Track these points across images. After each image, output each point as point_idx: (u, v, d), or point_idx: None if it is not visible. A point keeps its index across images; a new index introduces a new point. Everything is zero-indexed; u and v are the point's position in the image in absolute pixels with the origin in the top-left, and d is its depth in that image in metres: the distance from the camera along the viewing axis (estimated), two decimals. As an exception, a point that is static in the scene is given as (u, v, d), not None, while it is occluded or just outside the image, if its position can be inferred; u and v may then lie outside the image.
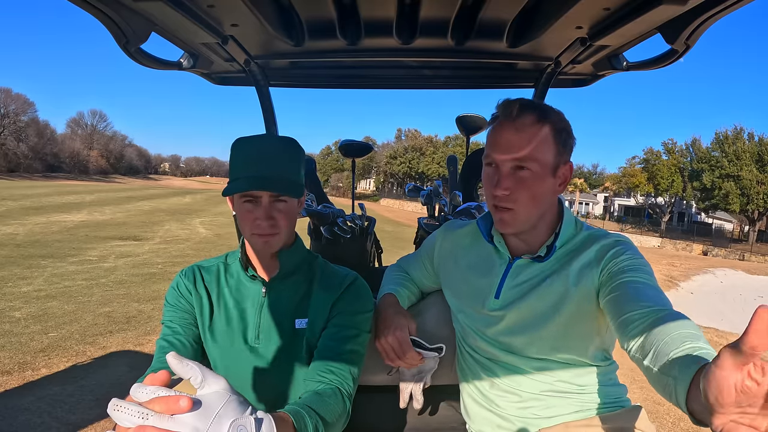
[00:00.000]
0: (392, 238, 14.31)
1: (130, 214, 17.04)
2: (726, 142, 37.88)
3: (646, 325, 0.84)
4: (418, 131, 64.89)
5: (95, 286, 6.31)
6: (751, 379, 0.48)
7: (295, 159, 1.06)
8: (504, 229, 1.10)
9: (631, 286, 0.94)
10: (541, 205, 1.07)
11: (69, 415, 2.99)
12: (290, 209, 1.05)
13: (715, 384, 0.50)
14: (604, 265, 1.02)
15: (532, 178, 1.03)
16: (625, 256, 1.01)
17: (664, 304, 0.89)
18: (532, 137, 1.01)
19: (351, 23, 1.36)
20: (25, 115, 62.74)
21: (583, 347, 1.08)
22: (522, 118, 1.02)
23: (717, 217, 45.81)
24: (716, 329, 7.75)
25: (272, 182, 1.01)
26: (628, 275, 0.97)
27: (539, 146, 1.02)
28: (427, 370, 1.25)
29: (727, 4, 0.94)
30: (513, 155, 1.02)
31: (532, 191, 1.03)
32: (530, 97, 1.82)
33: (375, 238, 2.13)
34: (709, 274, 16.79)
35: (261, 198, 1.02)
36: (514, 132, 1.02)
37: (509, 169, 1.03)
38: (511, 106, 1.04)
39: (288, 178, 1.03)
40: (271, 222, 1.02)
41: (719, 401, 0.50)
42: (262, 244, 1.05)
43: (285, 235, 1.07)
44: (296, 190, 1.03)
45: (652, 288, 0.94)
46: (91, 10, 1.03)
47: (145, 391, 0.57)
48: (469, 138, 2.33)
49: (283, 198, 1.03)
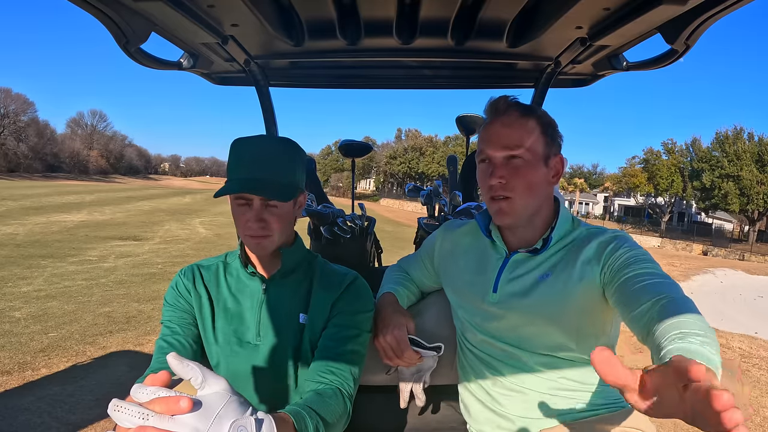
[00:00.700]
0: (392, 238, 14.32)
1: (130, 214, 17.05)
2: (726, 142, 37.85)
3: (652, 319, 0.83)
4: (418, 131, 64.93)
5: (95, 286, 6.31)
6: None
7: (290, 161, 1.05)
8: (502, 220, 1.10)
9: (635, 279, 0.94)
10: (537, 195, 1.09)
11: (69, 415, 2.99)
12: (283, 212, 1.05)
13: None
14: (605, 262, 1.02)
15: (525, 166, 1.06)
16: (623, 249, 1.01)
17: (670, 290, 0.88)
18: (520, 128, 1.06)
19: (351, 23, 1.36)
20: (25, 115, 62.79)
21: (586, 344, 1.08)
22: (509, 112, 1.08)
23: (717, 217, 45.80)
24: (716, 329, 7.75)
25: (263, 185, 1.00)
26: (630, 269, 0.97)
27: (528, 136, 1.06)
28: (426, 369, 1.25)
29: (727, 4, 0.94)
30: (504, 146, 1.06)
31: (527, 179, 1.06)
32: (530, 97, 1.83)
33: (375, 238, 2.13)
34: (709, 274, 16.79)
35: (253, 200, 1.02)
36: (503, 126, 1.07)
37: (502, 159, 1.07)
38: (497, 103, 1.09)
39: (280, 181, 1.02)
40: (262, 224, 1.02)
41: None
42: (254, 246, 1.05)
43: (278, 237, 1.06)
44: (287, 193, 1.02)
45: (656, 275, 0.93)
46: (91, 10, 1.03)
47: (146, 391, 0.57)
48: (469, 138, 2.33)
49: (275, 201, 1.03)
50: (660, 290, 0.88)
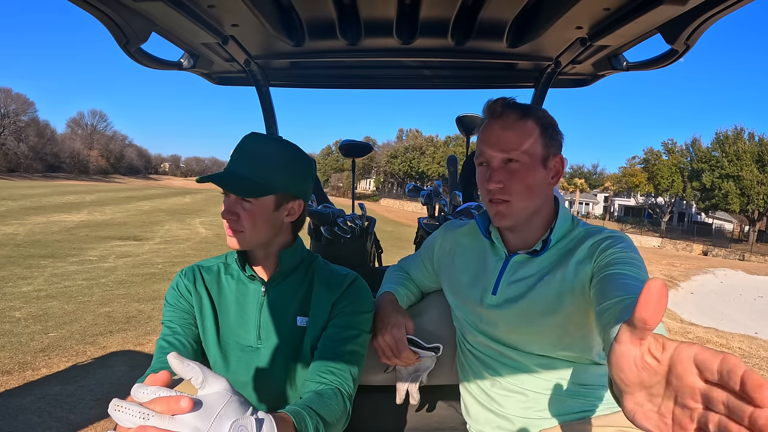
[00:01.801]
0: (392, 238, 14.32)
1: (130, 214, 17.04)
2: (726, 142, 37.86)
3: (614, 314, 0.78)
4: (419, 131, 64.92)
5: (95, 286, 6.31)
6: (651, 356, 0.46)
7: (273, 161, 1.03)
8: (501, 222, 1.10)
9: (612, 277, 0.92)
10: (536, 197, 1.08)
11: (69, 414, 2.99)
12: (256, 210, 1.02)
13: (615, 360, 0.48)
14: (595, 259, 1.01)
15: (522, 169, 1.05)
16: (614, 248, 1.00)
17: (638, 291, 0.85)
18: (518, 131, 1.05)
19: (351, 23, 1.36)
20: (25, 115, 62.73)
21: (584, 345, 1.08)
22: (506, 114, 1.07)
23: (717, 217, 45.80)
24: (716, 329, 7.75)
25: (232, 178, 1.00)
26: (615, 267, 0.94)
27: (526, 139, 1.05)
28: (424, 369, 1.25)
29: (727, 4, 0.94)
30: (501, 149, 1.05)
31: (525, 182, 1.06)
32: (530, 97, 1.83)
33: (375, 238, 2.13)
34: (709, 274, 16.79)
35: (230, 194, 1.03)
36: (501, 128, 1.06)
37: (500, 162, 1.06)
38: (494, 105, 1.09)
39: (251, 177, 1.00)
40: (233, 218, 1.02)
41: (622, 379, 0.48)
42: (228, 240, 1.05)
43: (251, 236, 1.04)
44: (253, 191, 1.00)
45: (635, 278, 0.90)
46: (91, 10, 1.03)
47: (146, 391, 0.57)
48: (469, 138, 2.33)
49: (249, 198, 1.02)
50: (630, 291, 0.84)
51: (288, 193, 1.06)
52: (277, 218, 1.07)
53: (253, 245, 1.07)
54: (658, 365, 0.45)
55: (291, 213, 1.09)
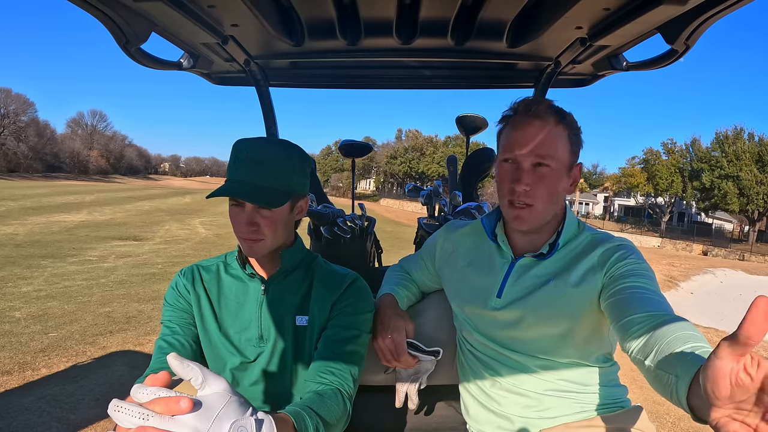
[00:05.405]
0: (392, 238, 14.32)
1: (130, 214, 17.04)
2: (726, 142, 37.83)
3: (648, 328, 0.85)
4: (419, 131, 64.84)
5: (95, 286, 6.31)
6: (746, 373, 0.48)
7: (288, 165, 1.03)
8: (520, 226, 1.09)
9: (633, 290, 0.96)
10: (557, 204, 1.09)
11: (69, 414, 2.99)
12: (276, 217, 1.03)
13: (712, 374, 0.50)
14: (608, 269, 1.03)
15: (551, 175, 1.04)
16: (628, 260, 1.02)
17: (666, 309, 0.90)
18: (553, 135, 1.04)
19: (351, 23, 1.36)
20: (25, 115, 62.67)
21: (585, 348, 1.08)
22: (545, 117, 1.04)
23: (717, 217, 45.77)
24: (716, 329, 7.75)
25: (254, 190, 0.98)
26: (631, 280, 0.98)
27: (559, 144, 1.04)
28: (423, 371, 1.25)
29: (727, 4, 0.94)
30: (536, 152, 1.03)
31: (550, 188, 1.05)
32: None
33: (375, 238, 2.13)
34: (709, 274, 16.78)
35: (245, 204, 1.01)
36: (537, 129, 1.04)
37: (530, 165, 1.04)
38: (534, 104, 1.06)
39: (273, 186, 1.00)
40: (253, 228, 1.01)
41: (715, 393, 0.50)
42: (246, 249, 1.05)
43: (271, 241, 1.04)
44: (279, 199, 1.00)
45: (655, 293, 0.95)
46: (91, 10, 1.03)
47: (146, 391, 0.57)
48: (468, 138, 2.33)
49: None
50: (658, 307, 0.90)
51: (299, 193, 1.07)
52: (292, 219, 1.09)
53: (272, 249, 1.07)
54: (751, 383, 0.48)
55: (300, 210, 1.10)
